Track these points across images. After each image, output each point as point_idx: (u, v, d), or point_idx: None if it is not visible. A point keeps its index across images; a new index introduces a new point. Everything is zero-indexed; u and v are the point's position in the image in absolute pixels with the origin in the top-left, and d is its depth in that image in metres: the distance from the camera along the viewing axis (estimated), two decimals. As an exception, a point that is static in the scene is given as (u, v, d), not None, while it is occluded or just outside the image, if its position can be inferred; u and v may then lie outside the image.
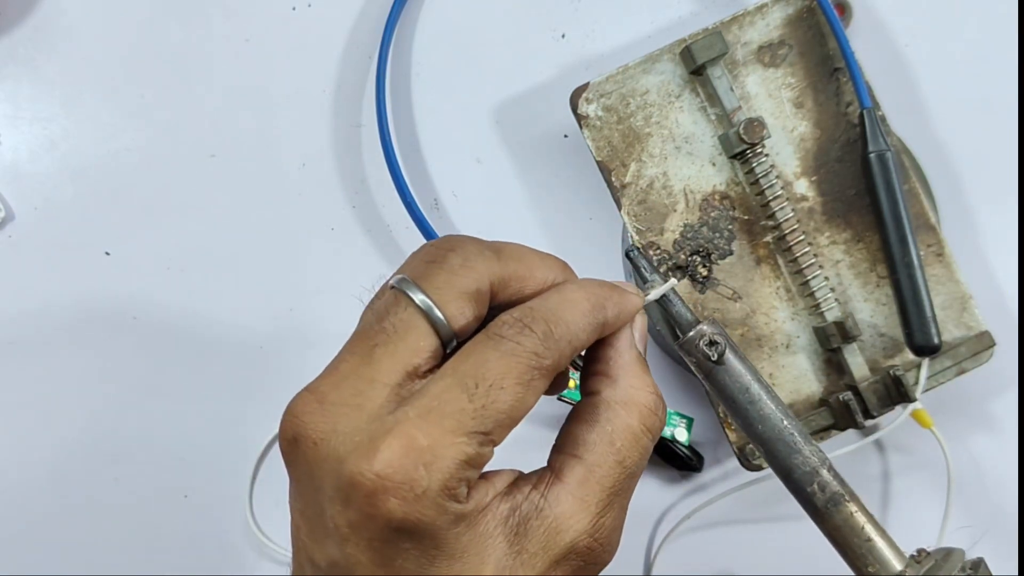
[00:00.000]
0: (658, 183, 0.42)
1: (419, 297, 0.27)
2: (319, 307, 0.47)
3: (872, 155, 0.41)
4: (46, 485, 0.47)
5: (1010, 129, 0.46)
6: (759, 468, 0.41)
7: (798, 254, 0.41)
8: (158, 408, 0.46)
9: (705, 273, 0.42)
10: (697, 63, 0.41)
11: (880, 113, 0.41)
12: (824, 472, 0.30)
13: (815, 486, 0.30)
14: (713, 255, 0.42)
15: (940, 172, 0.45)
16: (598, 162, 0.42)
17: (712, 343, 0.30)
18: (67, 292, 0.46)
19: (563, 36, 0.47)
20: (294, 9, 0.47)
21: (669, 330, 0.42)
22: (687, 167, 0.42)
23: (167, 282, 0.46)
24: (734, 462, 0.43)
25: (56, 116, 0.47)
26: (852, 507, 0.30)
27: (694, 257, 0.42)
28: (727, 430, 0.41)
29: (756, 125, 0.40)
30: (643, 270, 0.32)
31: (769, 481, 0.43)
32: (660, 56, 0.42)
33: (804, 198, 0.42)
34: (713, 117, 0.42)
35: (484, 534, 0.26)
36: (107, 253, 0.47)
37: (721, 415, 0.41)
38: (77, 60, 0.47)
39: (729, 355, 0.30)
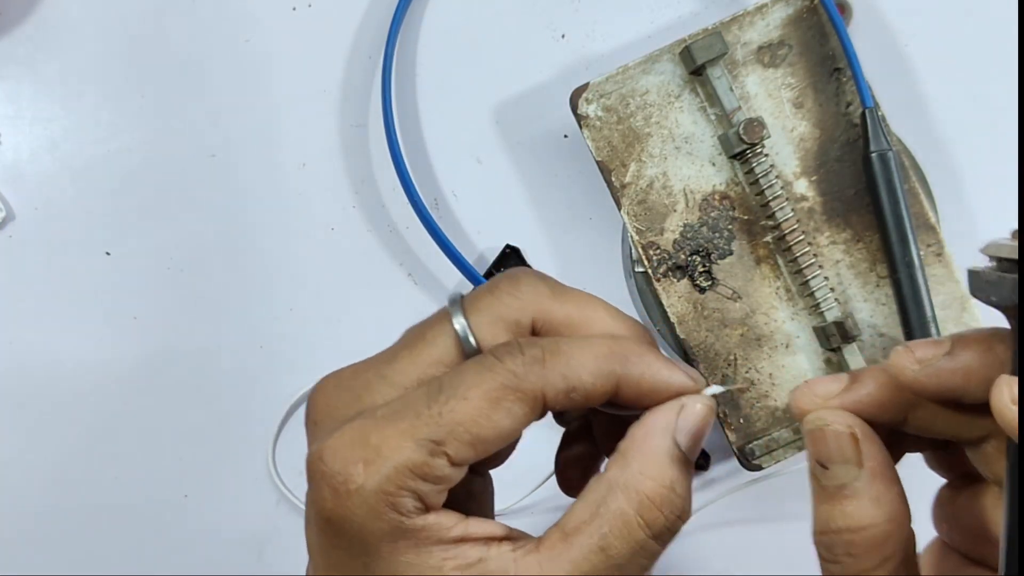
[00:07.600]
0: (658, 183, 0.42)
1: (456, 314, 0.27)
2: (319, 307, 0.47)
3: (874, 154, 0.41)
4: (46, 485, 0.47)
5: (1010, 129, 0.46)
6: (759, 468, 0.41)
7: (798, 254, 0.41)
8: (158, 408, 0.46)
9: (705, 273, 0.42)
10: (697, 63, 0.41)
11: (880, 113, 0.41)
12: None
13: None
14: (713, 255, 0.42)
15: (940, 172, 0.45)
16: (598, 162, 0.42)
17: None
18: (67, 292, 0.46)
19: (563, 36, 0.47)
20: (294, 9, 0.47)
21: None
22: (687, 167, 0.42)
23: (167, 282, 0.46)
24: (734, 462, 0.43)
25: (56, 116, 0.47)
26: None
27: (694, 257, 0.42)
28: (727, 430, 0.41)
29: (756, 125, 0.40)
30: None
31: (769, 481, 0.44)
32: (660, 56, 0.42)
33: (804, 198, 0.42)
34: (713, 117, 0.42)
35: (435, 567, 0.25)
36: (107, 253, 0.47)
37: (721, 415, 0.41)
38: (77, 60, 0.47)
39: None
